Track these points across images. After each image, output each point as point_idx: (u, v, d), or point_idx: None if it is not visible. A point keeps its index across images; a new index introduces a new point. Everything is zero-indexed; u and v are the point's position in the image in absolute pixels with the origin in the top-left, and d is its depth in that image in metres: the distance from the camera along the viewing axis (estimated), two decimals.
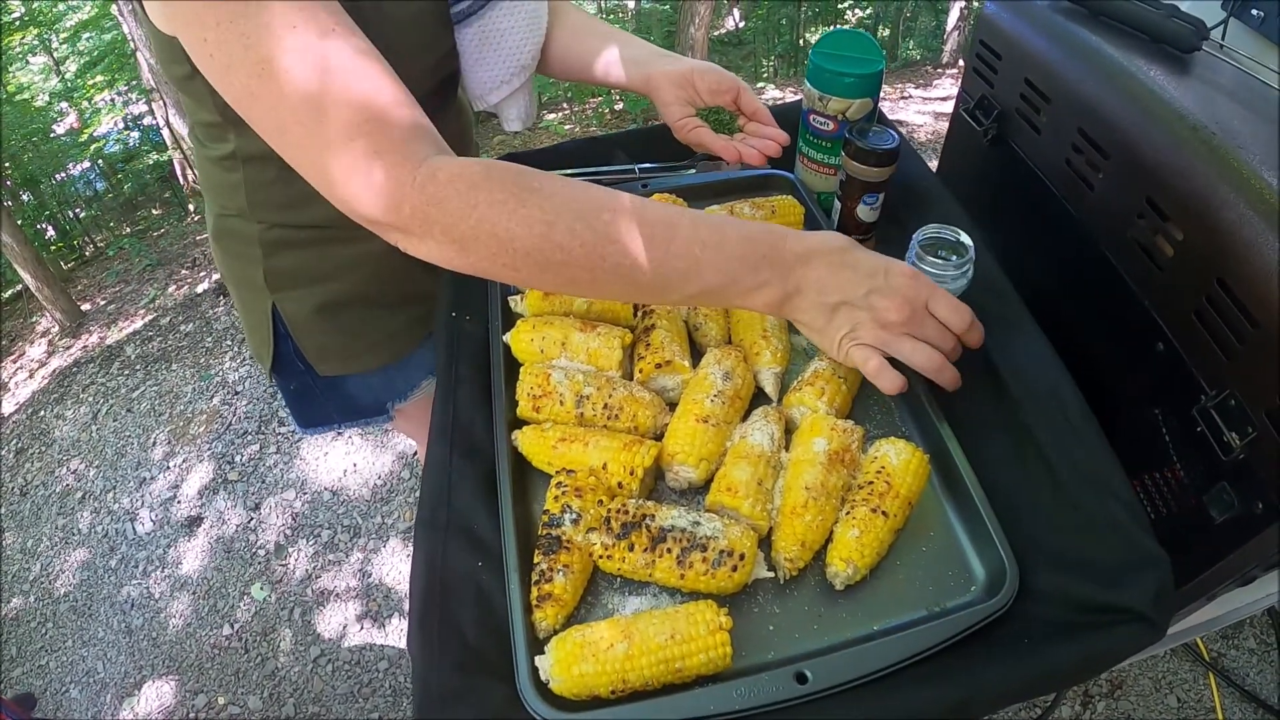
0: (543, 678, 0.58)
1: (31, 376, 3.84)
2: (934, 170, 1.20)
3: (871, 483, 0.66)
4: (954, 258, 0.72)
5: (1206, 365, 0.73)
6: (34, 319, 4.76)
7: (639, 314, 0.84)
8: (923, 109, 5.61)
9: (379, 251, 0.95)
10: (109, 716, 2.05)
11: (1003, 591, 0.62)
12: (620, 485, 0.68)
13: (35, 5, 6.51)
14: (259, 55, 0.55)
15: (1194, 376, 0.74)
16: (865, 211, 0.91)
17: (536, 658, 0.58)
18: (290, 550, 2.32)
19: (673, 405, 0.76)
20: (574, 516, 0.64)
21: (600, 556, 0.63)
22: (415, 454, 2.45)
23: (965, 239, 0.73)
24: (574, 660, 0.56)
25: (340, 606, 2.15)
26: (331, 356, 1.03)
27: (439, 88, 0.90)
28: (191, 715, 1.99)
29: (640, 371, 0.77)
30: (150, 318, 3.89)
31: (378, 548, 2.27)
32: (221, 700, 2.00)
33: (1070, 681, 0.67)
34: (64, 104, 7.53)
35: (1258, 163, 0.69)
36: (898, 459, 0.67)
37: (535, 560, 0.64)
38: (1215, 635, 1.88)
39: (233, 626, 2.15)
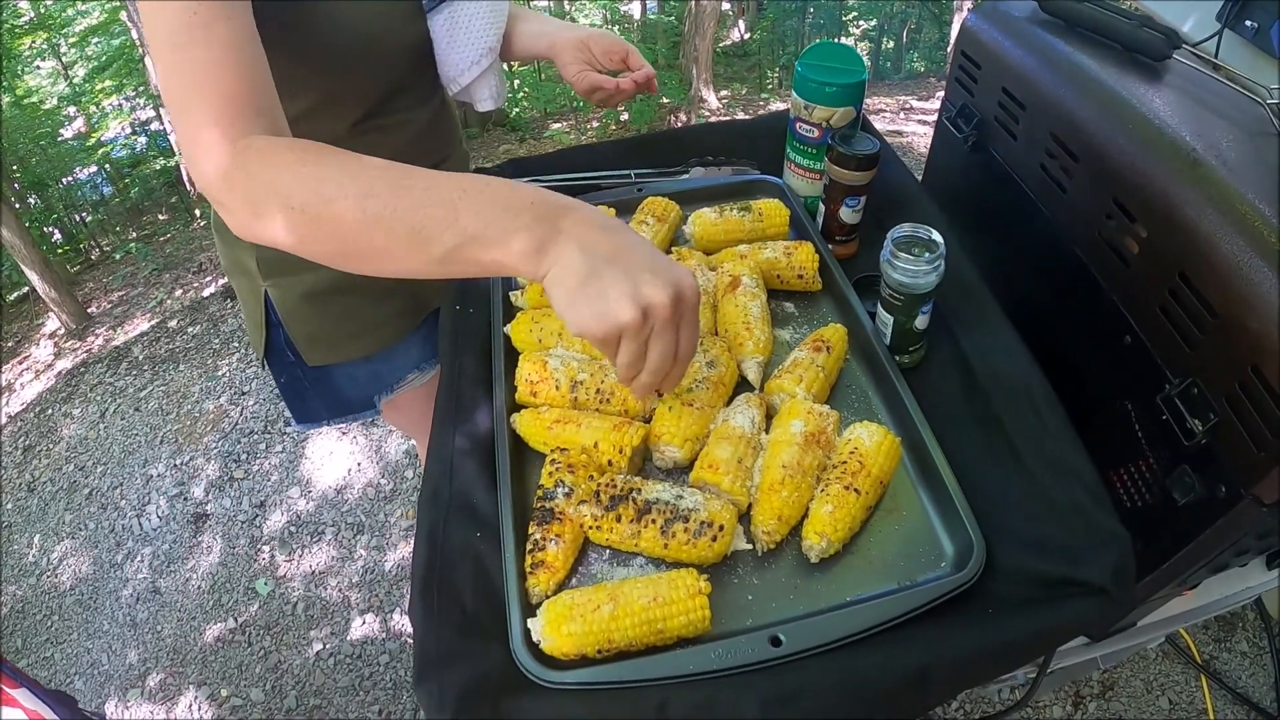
0: (534, 639, 0.62)
1: (38, 377, 3.89)
2: (921, 177, 1.24)
3: (845, 462, 0.70)
4: (926, 254, 0.77)
5: (1171, 355, 0.77)
6: (40, 321, 4.82)
7: None
8: (925, 119, 5.66)
9: None
10: (113, 708, 2.08)
11: (969, 566, 0.66)
12: (610, 463, 0.72)
13: (44, 9, 6.60)
14: (151, 30, 0.65)
15: (1159, 367, 0.78)
16: (848, 214, 0.96)
17: (529, 620, 0.63)
18: (294, 546, 2.36)
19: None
20: (566, 490, 0.68)
21: (590, 527, 0.67)
22: (418, 454, 2.49)
23: (936, 237, 0.78)
24: (563, 620, 0.60)
25: (342, 601, 2.18)
26: (319, 344, 1.08)
27: (415, 75, 0.97)
28: (194, 707, 2.03)
29: None
30: (157, 320, 3.94)
31: (380, 544, 2.31)
32: (224, 692, 2.04)
33: (1033, 653, 0.71)
34: (72, 108, 7.61)
35: (1217, 162, 0.74)
36: (870, 441, 0.72)
37: (530, 531, 0.68)
38: (1208, 638, 1.89)
39: (236, 620, 2.19)
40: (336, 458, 2.61)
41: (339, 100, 0.90)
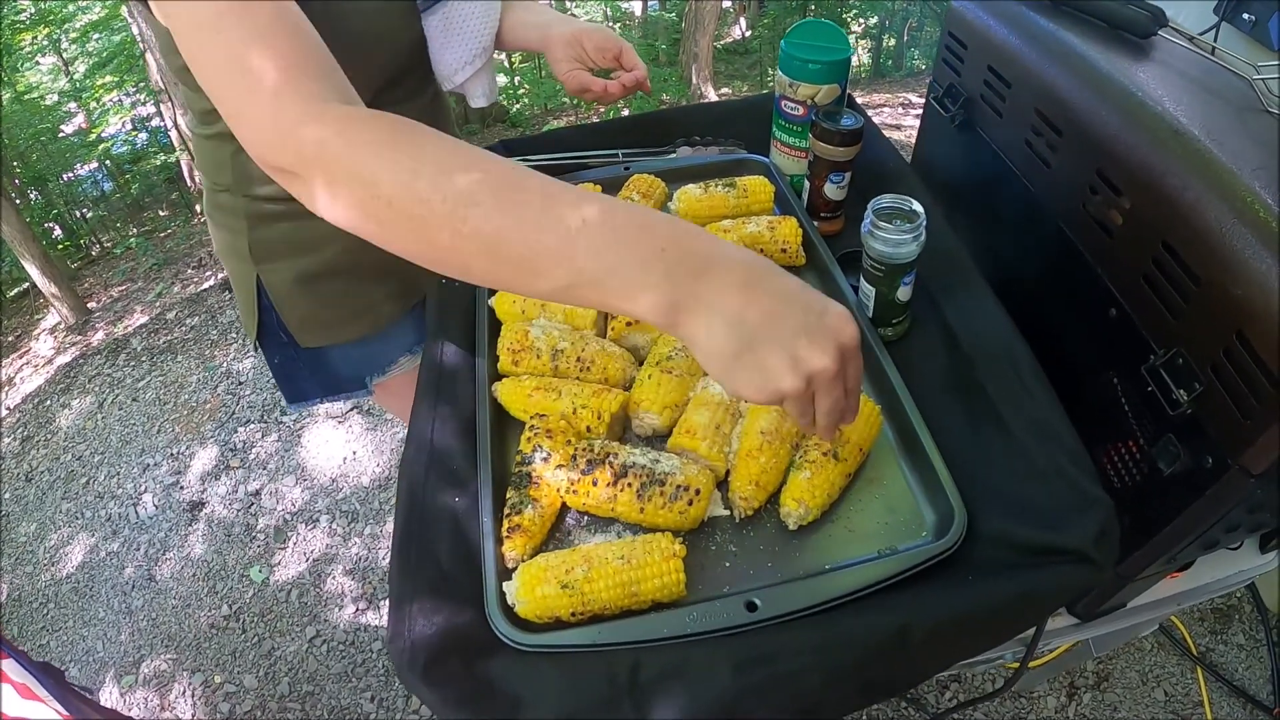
0: (509, 601, 0.62)
1: (37, 371, 3.90)
2: (910, 158, 1.24)
3: None
4: (907, 224, 0.77)
5: (1155, 326, 0.76)
6: (40, 316, 4.82)
7: None
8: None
9: None
10: (107, 694, 2.08)
11: (950, 533, 0.66)
12: (589, 429, 0.72)
13: (45, 5, 6.60)
14: (197, 8, 0.58)
15: (1144, 338, 0.78)
16: (832, 190, 0.96)
17: (504, 583, 0.62)
18: (289, 534, 2.36)
19: (643, 361, 0.81)
20: (544, 455, 0.68)
21: (567, 491, 0.67)
22: None
23: (917, 206, 0.78)
24: (537, 583, 0.60)
25: (336, 589, 2.18)
26: (312, 327, 1.08)
27: (409, 71, 0.96)
28: (188, 693, 2.03)
29: (612, 329, 0.82)
30: (156, 312, 3.95)
31: (375, 533, 2.31)
32: (218, 679, 2.04)
33: (1015, 620, 0.70)
34: (72, 104, 7.61)
35: (1199, 131, 0.73)
36: None
37: (507, 496, 0.68)
38: (1204, 630, 1.88)
39: (230, 607, 2.19)
40: (332, 446, 2.62)
41: None
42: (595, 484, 0.66)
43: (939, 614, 0.62)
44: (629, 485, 0.65)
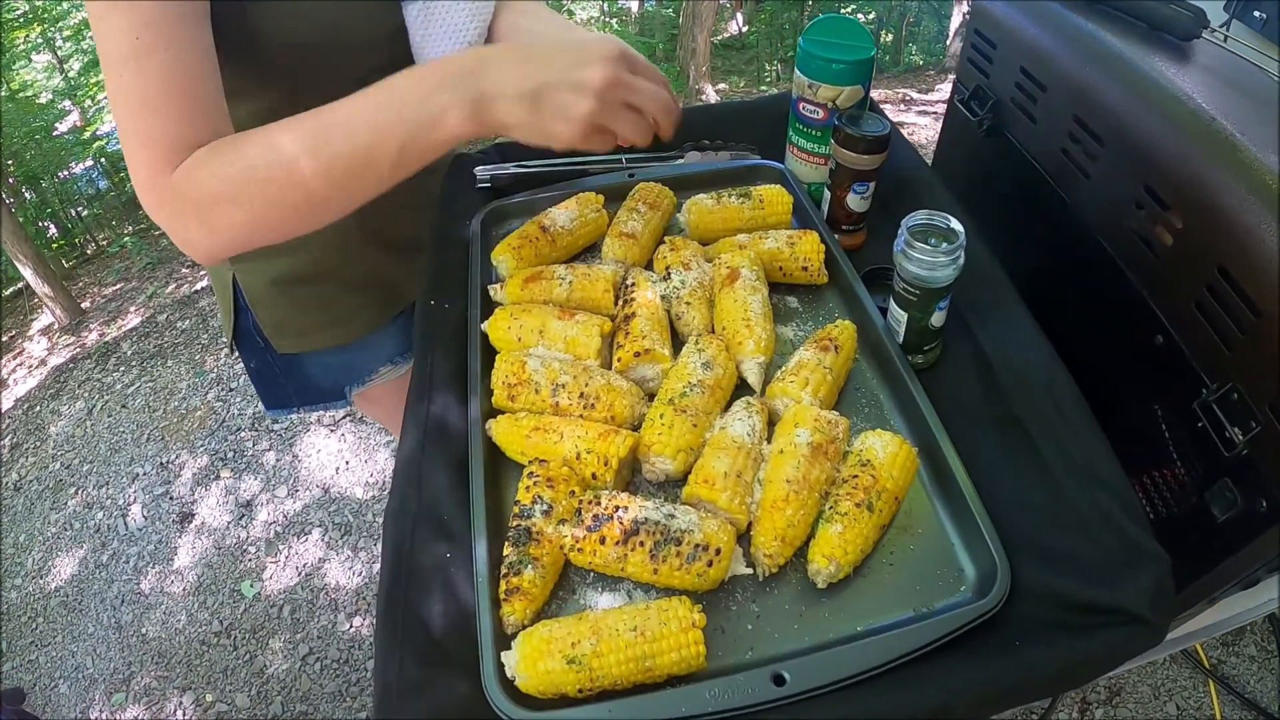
0: (509, 674, 0.55)
1: (30, 373, 3.83)
2: (930, 164, 1.17)
3: (856, 476, 0.63)
4: (944, 244, 0.70)
5: (1208, 358, 0.70)
6: (34, 316, 4.75)
7: (619, 303, 0.82)
8: (925, 110, 5.59)
9: (332, 230, 0.95)
10: (97, 713, 2.03)
11: (993, 592, 0.60)
12: (595, 476, 0.66)
13: (39, 3, 6.51)
14: (99, 47, 0.64)
15: (1195, 370, 0.72)
16: (855, 201, 0.89)
17: (503, 653, 0.56)
18: (281, 547, 2.30)
19: (653, 396, 0.74)
20: (545, 508, 0.62)
21: (571, 549, 0.61)
22: None
23: (956, 225, 0.71)
24: (540, 656, 0.54)
25: (329, 604, 2.12)
26: (287, 332, 1.04)
27: (389, 66, 0.89)
28: (179, 712, 1.97)
29: (619, 360, 0.75)
30: (147, 315, 3.88)
31: (368, 546, 2.25)
32: (209, 698, 1.98)
33: (1062, 687, 0.65)
34: (67, 102, 7.52)
35: (1259, 147, 0.67)
36: (884, 452, 0.65)
37: (505, 553, 0.61)
38: (1215, 642, 1.84)
39: (222, 623, 2.13)
40: (324, 455, 2.55)
41: (308, 94, 0.84)
42: (603, 542, 0.59)
43: (982, 688, 0.56)
44: (641, 545, 0.58)
